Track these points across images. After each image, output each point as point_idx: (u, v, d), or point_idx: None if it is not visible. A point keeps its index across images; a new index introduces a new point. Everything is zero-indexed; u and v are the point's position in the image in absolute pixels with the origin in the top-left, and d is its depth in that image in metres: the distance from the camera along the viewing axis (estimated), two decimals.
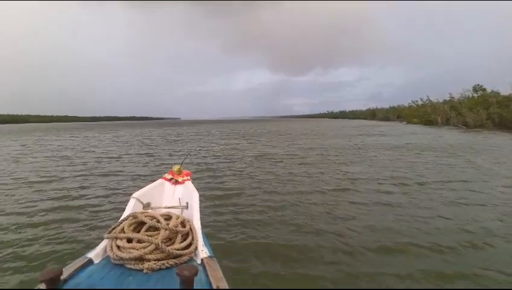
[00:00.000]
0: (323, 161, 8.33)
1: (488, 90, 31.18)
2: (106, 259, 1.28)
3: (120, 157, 9.43)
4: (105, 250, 1.33)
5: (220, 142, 14.95)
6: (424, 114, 38.19)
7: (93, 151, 11.19)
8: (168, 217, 1.53)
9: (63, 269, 1.03)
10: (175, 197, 2.02)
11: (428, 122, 34.59)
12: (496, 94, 29.29)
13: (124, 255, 1.21)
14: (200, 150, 11.58)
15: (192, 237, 1.42)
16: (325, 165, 7.50)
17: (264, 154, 9.93)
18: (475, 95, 32.18)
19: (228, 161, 8.52)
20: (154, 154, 10.18)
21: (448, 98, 39.66)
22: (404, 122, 43.88)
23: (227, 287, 1.07)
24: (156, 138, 18.72)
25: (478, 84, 30.84)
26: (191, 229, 1.48)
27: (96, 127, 44.35)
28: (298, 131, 24.38)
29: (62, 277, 0.99)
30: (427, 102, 49.77)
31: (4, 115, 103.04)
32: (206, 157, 9.40)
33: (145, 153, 10.52)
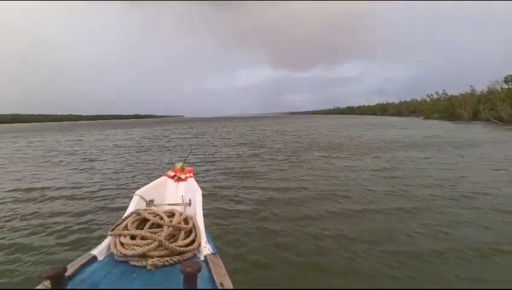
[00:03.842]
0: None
1: None
2: (110, 256, 1.27)
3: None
4: (109, 247, 1.31)
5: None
6: (445, 108, 35.31)
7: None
8: (171, 214, 1.50)
9: (67, 266, 1.02)
10: (178, 194, 1.99)
11: (452, 117, 31.75)
12: None
13: (128, 252, 1.20)
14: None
15: (196, 233, 1.40)
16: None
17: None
18: (504, 87, 29.17)
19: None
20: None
21: (469, 91, 36.72)
22: (421, 118, 41.12)
23: (231, 284, 1.06)
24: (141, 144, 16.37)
25: (510, 75, 27.81)
26: (194, 226, 1.46)
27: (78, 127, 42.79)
28: (318, 134, 17.84)
29: (66, 274, 0.96)
30: (443, 96, 46.82)
31: (7, 114, 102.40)
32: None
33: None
